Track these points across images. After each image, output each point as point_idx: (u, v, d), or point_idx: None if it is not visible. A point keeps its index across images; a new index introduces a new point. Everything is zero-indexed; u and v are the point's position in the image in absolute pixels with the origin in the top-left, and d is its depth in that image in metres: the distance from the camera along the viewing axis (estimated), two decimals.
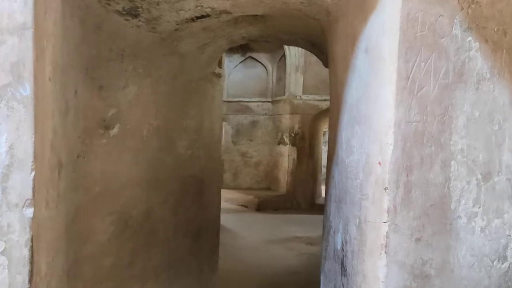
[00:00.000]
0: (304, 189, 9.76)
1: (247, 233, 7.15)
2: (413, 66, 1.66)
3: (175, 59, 3.09)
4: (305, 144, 9.82)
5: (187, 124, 3.38)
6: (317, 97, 9.70)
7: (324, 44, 2.71)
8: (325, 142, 15.81)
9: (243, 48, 10.48)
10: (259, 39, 3.34)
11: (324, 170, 14.53)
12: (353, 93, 1.90)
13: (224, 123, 10.56)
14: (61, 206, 1.65)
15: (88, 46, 2.06)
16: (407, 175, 1.63)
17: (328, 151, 2.74)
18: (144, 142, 2.68)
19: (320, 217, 8.46)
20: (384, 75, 1.67)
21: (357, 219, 1.76)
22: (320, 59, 3.56)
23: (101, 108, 2.20)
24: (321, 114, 9.95)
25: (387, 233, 1.60)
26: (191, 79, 3.45)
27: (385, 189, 1.61)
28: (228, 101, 10.59)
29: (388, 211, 1.60)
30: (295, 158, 9.79)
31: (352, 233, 1.80)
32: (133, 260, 2.57)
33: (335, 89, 2.26)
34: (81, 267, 2.08)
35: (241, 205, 9.77)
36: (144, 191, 2.69)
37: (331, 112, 2.57)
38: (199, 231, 3.67)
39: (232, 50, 10.22)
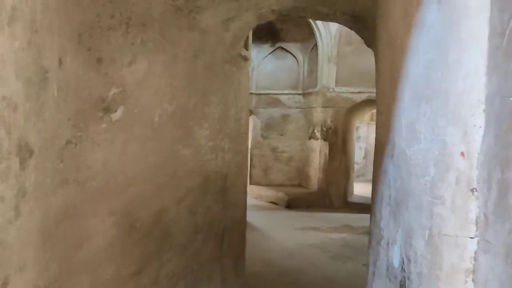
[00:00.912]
0: (337, 187, 9.22)
1: (277, 232, 6.71)
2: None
3: (195, 35, 2.68)
4: (337, 139, 9.27)
5: (209, 111, 2.97)
6: (351, 90, 9.13)
7: (371, 12, 2.23)
8: (358, 138, 15.15)
9: (273, 37, 10.02)
10: (292, 13, 2.88)
11: (356, 167, 13.89)
12: (419, 61, 1.42)
13: (254, 117, 10.15)
14: (33, 205, 1.26)
15: (82, 8, 1.67)
16: (503, 171, 1.15)
17: (376, 141, 2.25)
18: (156, 130, 2.28)
19: (354, 216, 7.91)
20: (469, 31, 1.18)
21: (427, 231, 1.28)
22: (362, 37, 3.06)
23: (100, 86, 1.82)
24: (355, 107, 9.37)
25: (475, 253, 1.13)
26: (214, 61, 3.03)
27: (471, 190, 1.14)
28: (258, 94, 10.17)
29: (476, 222, 1.13)
30: (327, 153, 9.26)
31: (419, 249, 1.32)
32: (142, 267, 2.19)
33: (390, 61, 1.78)
34: (74, 278, 1.70)
35: (271, 202, 9.35)
36: (155, 188, 2.29)
37: (381, 93, 2.09)
38: (222, 233, 3.26)
39: (261, 40, 9.79)
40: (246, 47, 3.56)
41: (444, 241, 1.20)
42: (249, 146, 10.22)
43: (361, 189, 10.80)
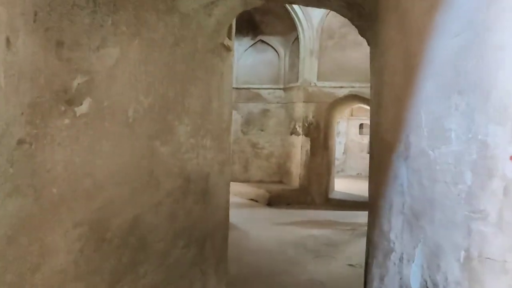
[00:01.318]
0: (319, 183, 9.07)
1: (258, 231, 6.48)
2: None
3: (174, 19, 2.40)
4: (319, 135, 9.10)
5: (190, 105, 2.69)
6: (333, 84, 8.96)
7: None
8: (337, 133, 15.06)
9: (253, 30, 9.74)
10: None
11: (336, 162, 13.81)
12: (447, 45, 1.19)
13: (234, 112, 9.85)
14: None
15: None
16: None
17: (378, 140, 2.02)
18: (130, 126, 1.99)
19: (336, 213, 7.73)
20: None
21: (462, 252, 1.06)
22: (357, 25, 2.83)
23: (62, 74, 1.52)
24: (337, 102, 9.21)
25: None
26: (196, 50, 2.75)
27: None
28: (238, 88, 9.88)
29: None
30: (309, 149, 9.08)
31: (451, 274, 1.10)
32: (115, 284, 1.91)
33: (402, 47, 1.54)
34: None
35: (251, 200, 9.11)
36: (130, 192, 2.01)
37: (384, 86, 1.87)
38: (204, 238, 3.00)
39: (241, 33, 9.49)
40: (229, 36, 3.29)
41: (487, 266, 0.98)
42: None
43: (341, 185, 10.72)
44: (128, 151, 1.97)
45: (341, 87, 8.90)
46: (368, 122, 16.09)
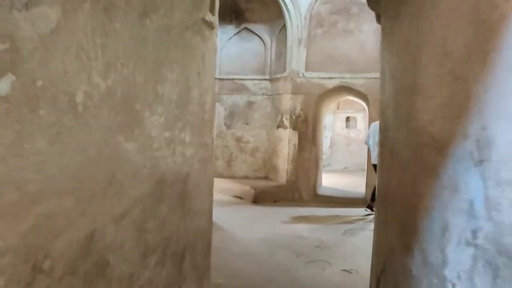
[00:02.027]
0: (307, 179, 8.66)
1: (244, 232, 6.03)
2: None
3: None
4: (307, 129, 8.68)
5: (165, 92, 2.20)
6: (322, 75, 8.54)
7: None
8: (324, 127, 14.67)
9: (237, 18, 9.23)
10: None
11: (323, 156, 13.43)
12: None
13: (217, 104, 9.35)
14: None
15: None
16: None
17: (403, 133, 1.58)
18: (80, 116, 1.50)
19: (325, 210, 7.30)
20: None
21: None
22: None
23: None
24: (326, 94, 8.79)
25: None
26: (171, 24, 2.25)
27: None
28: (221, 79, 9.38)
29: None
30: (296, 144, 8.66)
31: None
32: None
33: (466, 4, 1.09)
34: None
35: (236, 197, 8.66)
36: (80, 202, 1.52)
37: (415, 59, 1.42)
38: (182, 252, 2.52)
39: (224, 20, 8.97)
40: (212, 11, 2.79)
41: None
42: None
43: (328, 180, 10.32)
44: (75, 150, 1.48)
45: (331, 78, 8.48)
46: (355, 115, 15.80)
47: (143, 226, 2.03)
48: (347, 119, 15.56)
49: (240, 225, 6.41)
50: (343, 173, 13.68)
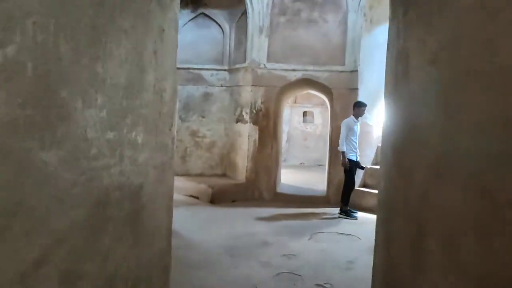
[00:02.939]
0: (268, 177, 8.15)
1: (203, 237, 5.40)
2: None
3: None
4: (269, 123, 8.15)
5: (108, 73, 1.54)
6: (285, 66, 8.02)
7: None
8: (287, 121, 14.26)
9: (194, 2, 8.48)
10: None
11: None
12: None
13: None
14: None
15: None
16: None
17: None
18: None
19: (288, 211, 6.81)
20: None
21: None
22: None
23: None
24: (289, 87, 8.30)
25: None
26: None
27: None
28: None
29: None
30: (257, 139, 8.11)
31: None
32: None
33: None
34: None
35: (192, 196, 7.98)
36: None
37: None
38: (134, 285, 1.88)
39: (180, 3, 8.20)
40: None
41: None
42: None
43: (286, 176, 9.84)
44: None
45: (294, 70, 7.99)
46: (312, 110, 15.52)
47: (74, 271, 1.37)
48: (304, 113, 15.24)
49: (197, 229, 5.78)
50: (300, 169, 13.36)
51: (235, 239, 5.38)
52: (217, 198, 7.62)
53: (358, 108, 6.98)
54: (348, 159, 6.89)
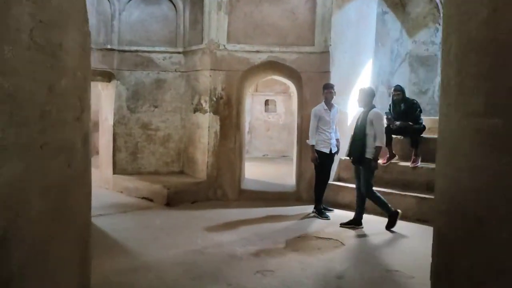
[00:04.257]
0: (231, 173, 7.21)
1: (156, 252, 4.41)
2: None
3: None
4: (231, 112, 7.21)
5: None
6: (248, 48, 7.09)
7: None
8: (248, 111, 13.33)
9: None
10: None
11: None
12: None
13: (116, 82, 7.44)
14: None
15: None
16: None
17: None
18: None
19: (254, 212, 5.83)
20: None
21: None
22: None
23: None
24: (252, 71, 7.37)
25: None
26: None
27: None
28: (121, 51, 7.46)
29: None
30: (218, 131, 7.15)
31: None
32: None
33: None
34: None
35: (144, 198, 6.92)
36: None
37: None
38: None
39: None
40: None
41: None
42: (112, 123, 7.55)
43: (249, 170, 8.87)
44: None
45: (257, 51, 7.07)
46: (274, 98, 14.69)
47: None
48: (266, 102, 14.38)
49: (149, 242, 4.77)
50: (264, 161, 12.52)
51: (197, 253, 4.43)
52: (174, 199, 6.62)
53: (323, 91, 6.16)
54: (319, 151, 6.05)
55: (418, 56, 9.82)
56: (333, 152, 6.21)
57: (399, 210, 5.47)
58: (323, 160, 6.09)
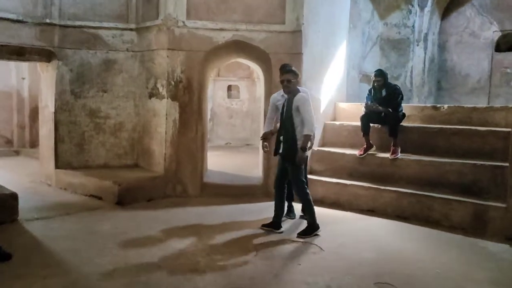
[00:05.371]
0: (193, 166, 6.45)
1: (100, 268, 3.62)
2: None
3: None
4: (192, 98, 6.41)
5: None
6: (211, 25, 6.29)
7: None
8: (210, 97, 12.49)
9: None
10: None
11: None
12: None
13: (57, 62, 6.43)
14: None
15: None
16: None
17: None
18: None
19: (219, 212, 4.39)
20: None
21: None
22: None
23: None
24: (216, 52, 6.59)
25: None
26: None
27: None
28: (62, 26, 6.44)
29: None
30: (177, 119, 6.35)
31: None
32: None
33: None
34: None
35: (92, 196, 6.05)
36: None
37: None
38: None
39: None
40: None
41: None
42: (53, 110, 6.56)
43: (211, 160, 8.07)
44: None
45: (222, 29, 6.28)
46: (237, 84, 13.91)
47: None
48: (229, 88, 13.60)
49: (94, 253, 3.96)
50: (227, 150, 11.81)
51: (153, 268, 3.68)
52: (127, 197, 5.79)
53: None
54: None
55: (390, 39, 9.37)
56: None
57: (319, 233, 4.60)
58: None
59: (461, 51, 10.49)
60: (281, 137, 4.69)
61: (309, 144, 4.60)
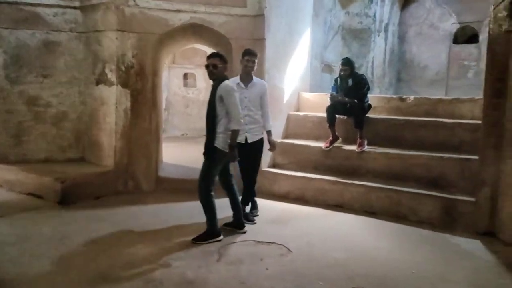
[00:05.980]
0: (146, 159, 5.93)
1: (37, 286, 3.09)
2: None
3: None
4: (145, 85, 5.86)
5: None
6: (166, 6, 5.75)
7: None
8: (164, 85, 11.79)
9: None
10: None
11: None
12: None
13: None
14: None
15: None
16: None
17: None
18: None
19: (179, 208, 4.61)
20: None
21: None
22: None
23: None
24: (171, 35, 6.07)
25: None
26: None
27: None
28: None
29: None
30: (129, 108, 5.78)
31: None
32: None
33: None
34: None
35: (30, 194, 5.38)
36: None
37: None
38: None
39: None
40: None
41: None
42: None
43: (166, 152, 7.56)
44: None
45: (178, 11, 5.76)
46: (194, 72, 13.32)
47: None
48: (185, 76, 12.99)
49: (29, 266, 3.40)
50: (183, 141, 11.30)
51: (99, 279, 3.18)
52: (71, 195, 5.19)
53: (241, 59, 4.67)
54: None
55: (351, 29, 9.17)
56: (249, 141, 4.69)
57: (221, 238, 4.11)
58: (239, 153, 4.27)
59: (420, 43, 10.52)
60: None
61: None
